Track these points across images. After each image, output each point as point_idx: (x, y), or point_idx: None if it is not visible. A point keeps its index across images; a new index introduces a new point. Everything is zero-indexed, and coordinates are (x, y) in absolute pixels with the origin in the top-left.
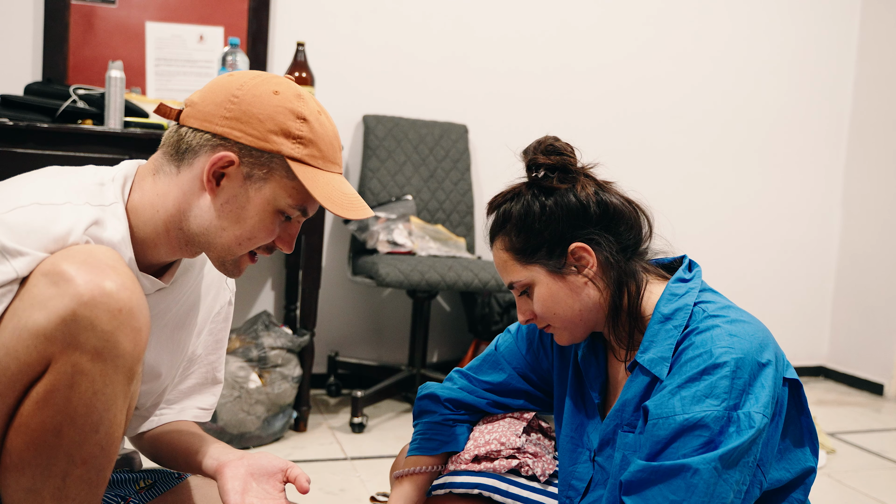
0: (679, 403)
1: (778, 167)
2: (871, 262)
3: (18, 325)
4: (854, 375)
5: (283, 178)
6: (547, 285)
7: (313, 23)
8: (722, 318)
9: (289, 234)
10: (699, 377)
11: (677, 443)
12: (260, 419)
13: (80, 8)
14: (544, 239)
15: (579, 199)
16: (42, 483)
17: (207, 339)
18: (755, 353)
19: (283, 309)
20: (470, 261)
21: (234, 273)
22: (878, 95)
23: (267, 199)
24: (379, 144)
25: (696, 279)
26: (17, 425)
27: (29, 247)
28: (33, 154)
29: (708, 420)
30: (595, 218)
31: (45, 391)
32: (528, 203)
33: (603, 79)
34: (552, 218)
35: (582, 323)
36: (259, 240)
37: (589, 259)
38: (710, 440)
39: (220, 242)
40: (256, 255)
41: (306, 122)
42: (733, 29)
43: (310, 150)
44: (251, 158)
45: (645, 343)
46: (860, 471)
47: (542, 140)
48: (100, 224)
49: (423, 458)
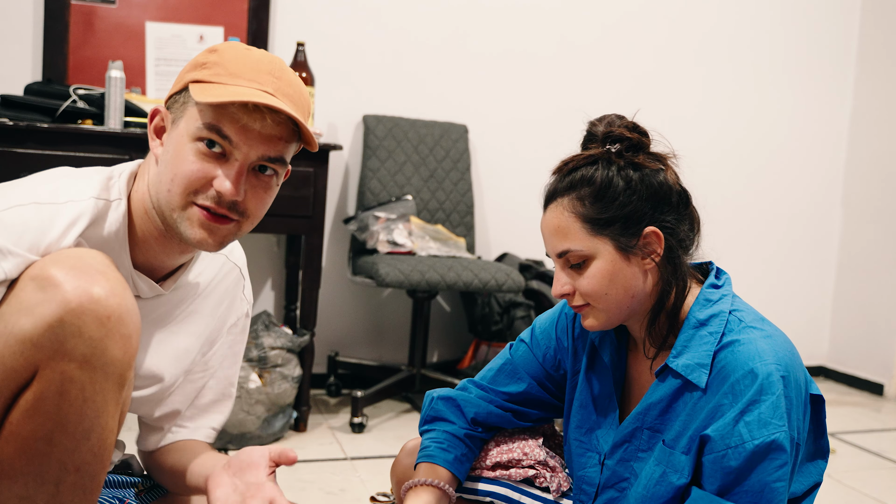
0: (745, 430)
1: (778, 167)
2: (871, 262)
3: (5, 331)
4: (854, 375)
5: (192, 106)
6: (611, 261)
7: (313, 23)
8: (759, 332)
9: (225, 173)
10: (759, 398)
11: (756, 470)
12: (260, 419)
13: (80, 8)
14: (623, 213)
15: (668, 182)
16: (35, 490)
17: (224, 352)
18: (796, 370)
19: (283, 309)
20: (470, 261)
21: (193, 235)
22: (878, 96)
23: (182, 132)
24: (379, 144)
25: (728, 286)
26: (7, 434)
27: (20, 247)
28: (33, 154)
29: (781, 441)
30: (674, 205)
31: (34, 399)
32: (613, 172)
33: (604, 80)
34: (636, 194)
35: (626, 309)
36: (185, 176)
37: (657, 246)
38: (784, 462)
39: (162, 197)
40: (210, 211)
41: (215, 52)
42: (733, 30)
43: (213, 70)
44: (175, 105)
45: (678, 347)
46: (860, 471)
47: (619, 116)
48: (100, 221)
49: (438, 469)
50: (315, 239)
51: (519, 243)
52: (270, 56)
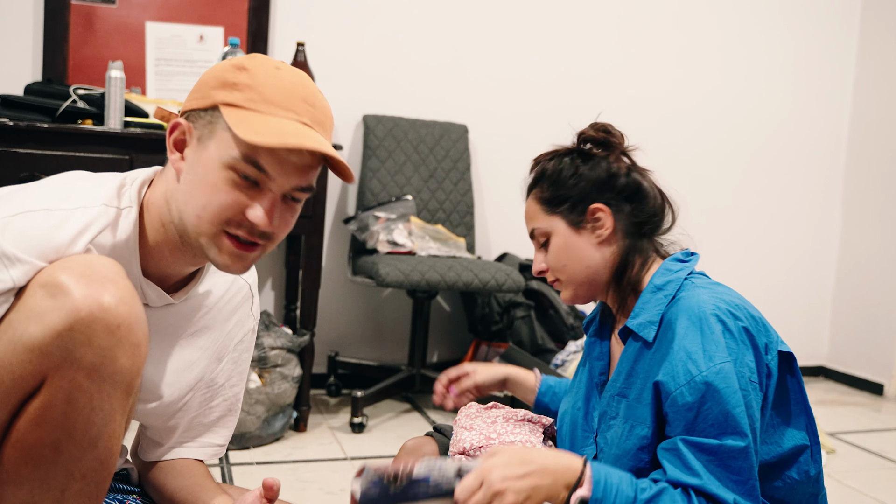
0: (693, 366)
1: (778, 168)
2: (870, 263)
3: (14, 338)
4: (854, 375)
5: (224, 130)
6: (563, 237)
7: (313, 23)
8: (706, 290)
9: (260, 205)
10: (698, 337)
11: (712, 400)
12: (260, 419)
13: (80, 8)
14: (570, 195)
15: (611, 168)
16: (40, 497)
17: (230, 369)
18: (739, 315)
19: (283, 309)
20: (470, 261)
21: (220, 260)
22: (878, 95)
23: (213, 156)
24: (379, 144)
25: (693, 263)
26: (14, 441)
27: (29, 254)
28: (33, 154)
29: (727, 371)
30: (620, 189)
31: (41, 407)
32: (564, 162)
33: (605, 81)
34: (582, 178)
35: (587, 281)
36: (217, 206)
37: (606, 221)
38: (736, 389)
39: (189, 220)
40: (240, 239)
41: (245, 71)
42: (733, 31)
43: (247, 94)
44: (200, 121)
45: (636, 310)
46: (860, 471)
47: (598, 121)
48: (111, 228)
49: None
50: (315, 239)
51: (519, 243)
52: (300, 76)
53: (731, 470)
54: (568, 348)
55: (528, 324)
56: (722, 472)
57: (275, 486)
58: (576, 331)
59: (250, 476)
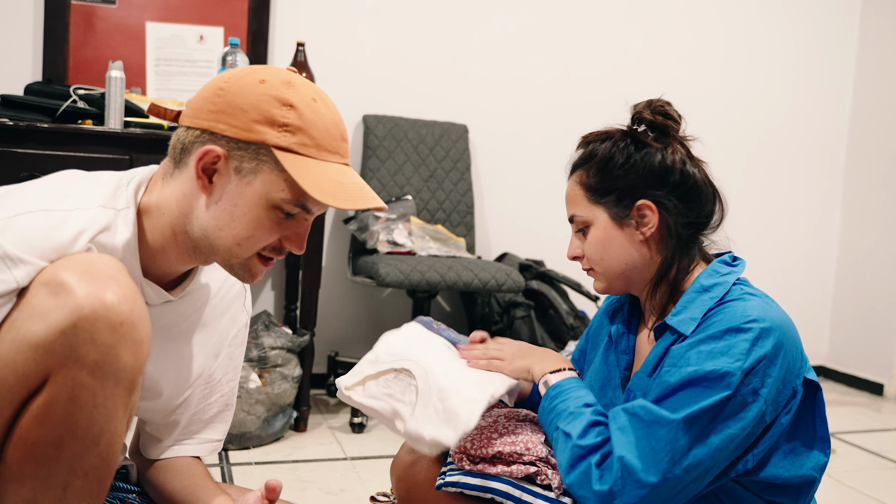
0: (694, 356)
1: (778, 167)
2: (870, 263)
3: (17, 337)
4: (854, 375)
5: (273, 171)
6: (604, 229)
7: (313, 23)
8: (759, 299)
9: (296, 233)
10: (721, 336)
11: (688, 391)
12: (260, 419)
13: (80, 8)
14: (617, 185)
15: (665, 161)
16: (42, 494)
17: (226, 364)
18: (784, 331)
19: (283, 309)
20: (470, 261)
21: (246, 278)
22: (878, 95)
23: (258, 193)
24: (379, 144)
25: (740, 269)
26: (17, 439)
27: (30, 255)
28: (33, 154)
29: (724, 377)
30: (673, 185)
31: (44, 405)
32: (617, 148)
33: (605, 81)
34: (632, 169)
35: (623, 277)
36: (259, 239)
37: (651, 219)
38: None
39: (221, 244)
40: (269, 258)
41: (293, 109)
42: (732, 31)
43: (299, 137)
44: (239, 151)
45: (678, 308)
46: (860, 471)
47: (656, 99)
48: (109, 229)
49: None
50: (315, 239)
51: (519, 243)
52: (332, 108)
53: (655, 437)
54: (568, 348)
55: (528, 324)
56: (644, 433)
57: (277, 488)
58: (576, 331)
59: (250, 476)
